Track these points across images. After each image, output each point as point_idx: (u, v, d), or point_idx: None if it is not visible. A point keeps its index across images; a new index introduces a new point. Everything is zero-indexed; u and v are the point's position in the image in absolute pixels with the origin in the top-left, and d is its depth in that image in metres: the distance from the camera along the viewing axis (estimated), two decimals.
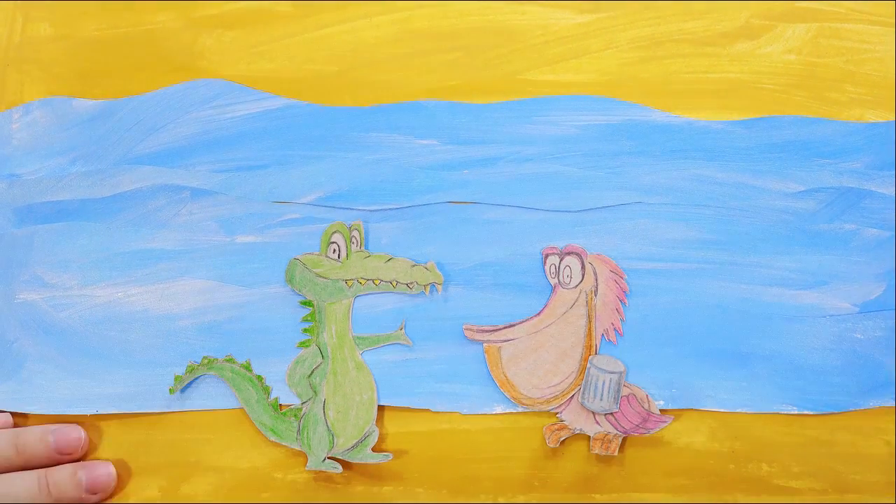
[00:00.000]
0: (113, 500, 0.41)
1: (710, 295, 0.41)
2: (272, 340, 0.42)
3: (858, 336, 0.41)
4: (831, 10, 0.46)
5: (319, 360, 0.41)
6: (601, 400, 0.40)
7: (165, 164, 0.44)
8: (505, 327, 0.41)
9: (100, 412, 0.41)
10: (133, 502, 0.41)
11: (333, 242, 0.42)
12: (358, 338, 0.41)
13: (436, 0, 0.46)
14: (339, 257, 0.41)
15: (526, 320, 0.41)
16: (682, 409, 0.40)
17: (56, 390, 0.41)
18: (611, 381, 0.40)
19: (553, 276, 0.41)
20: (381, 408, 0.41)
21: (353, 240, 0.42)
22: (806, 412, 0.40)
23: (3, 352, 0.42)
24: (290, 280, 0.42)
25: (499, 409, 0.40)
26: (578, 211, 0.43)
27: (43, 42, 0.47)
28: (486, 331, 0.41)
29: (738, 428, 0.40)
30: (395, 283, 0.41)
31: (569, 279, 0.41)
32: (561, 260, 0.41)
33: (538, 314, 0.41)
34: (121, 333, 0.42)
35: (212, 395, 0.41)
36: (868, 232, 0.42)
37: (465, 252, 0.42)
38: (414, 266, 0.41)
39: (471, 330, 0.41)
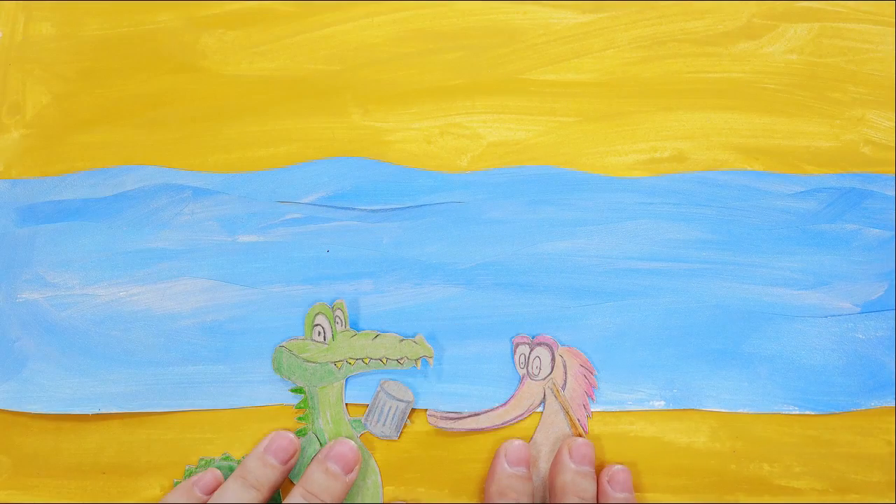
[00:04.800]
0: (114, 501, 0.41)
1: (712, 295, 0.41)
2: (274, 340, 0.42)
3: (860, 336, 0.41)
4: (833, 9, 0.46)
5: (317, 447, 0.40)
6: (383, 425, 0.39)
7: None
8: (469, 416, 0.40)
9: (102, 411, 0.41)
10: (135, 502, 0.41)
11: (318, 325, 0.41)
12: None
13: (438, 0, 0.46)
14: (324, 339, 0.41)
15: (491, 410, 0.40)
16: (684, 410, 0.40)
17: (58, 389, 0.41)
18: (397, 408, 0.39)
19: (522, 366, 0.40)
20: None
21: (338, 319, 0.41)
22: (807, 412, 0.40)
23: (5, 351, 0.42)
24: (277, 368, 0.41)
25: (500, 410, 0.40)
26: (580, 210, 0.43)
27: (45, 41, 0.47)
28: (450, 418, 0.40)
29: (740, 428, 0.40)
30: (385, 361, 0.40)
31: (538, 370, 0.40)
32: (531, 350, 0.40)
33: (504, 404, 0.40)
34: (122, 333, 0.42)
35: (213, 395, 0.41)
36: (869, 232, 0.42)
37: (465, 252, 0.42)
38: (402, 341, 0.40)
39: (434, 417, 0.40)
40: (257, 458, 0.38)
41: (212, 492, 0.38)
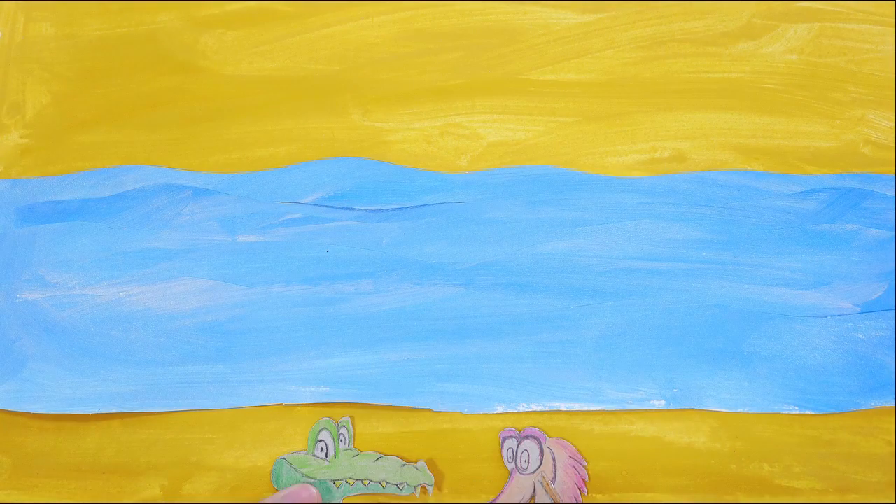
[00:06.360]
0: (114, 501, 0.41)
1: (712, 295, 0.41)
2: (273, 340, 0.42)
3: (860, 336, 0.41)
4: (833, 9, 0.46)
5: None
6: None
7: None
8: None
9: (101, 411, 0.41)
10: (135, 502, 0.41)
11: (321, 441, 0.40)
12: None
13: (438, 0, 0.46)
14: (326, 456, 0.40)
15: None
16: (684, 409, 0.40)
17: (58, 389, 0.41)
18: None
19: (510, 460, 0.40)
20: (382, 407, 0.41)
21: (342, 437, 0.40)
22: (807, 412, 0.40)
23: (5, 351, 0.42)
24: (276, 481, 0.40)
25: (500, 409, 0.40)
26: (579, 210, 0.43)
27: (45, 41, 0.47)
28: None
29: (740, 428, 0.40)
30: (384, 484, 0.40)
31: (526, 464, 0.39)
32: (519, 444, 0.40)
33: (494, 501, 0.39)
34: (122, 333, 0.42)
35: (213, 395, 0.41)
36: (869, 232, 0.42)
37: (465, 252, 0.43)
38: (404, 466, 0.40)
39: None
40: (276, 499, 0.38)
41: None
